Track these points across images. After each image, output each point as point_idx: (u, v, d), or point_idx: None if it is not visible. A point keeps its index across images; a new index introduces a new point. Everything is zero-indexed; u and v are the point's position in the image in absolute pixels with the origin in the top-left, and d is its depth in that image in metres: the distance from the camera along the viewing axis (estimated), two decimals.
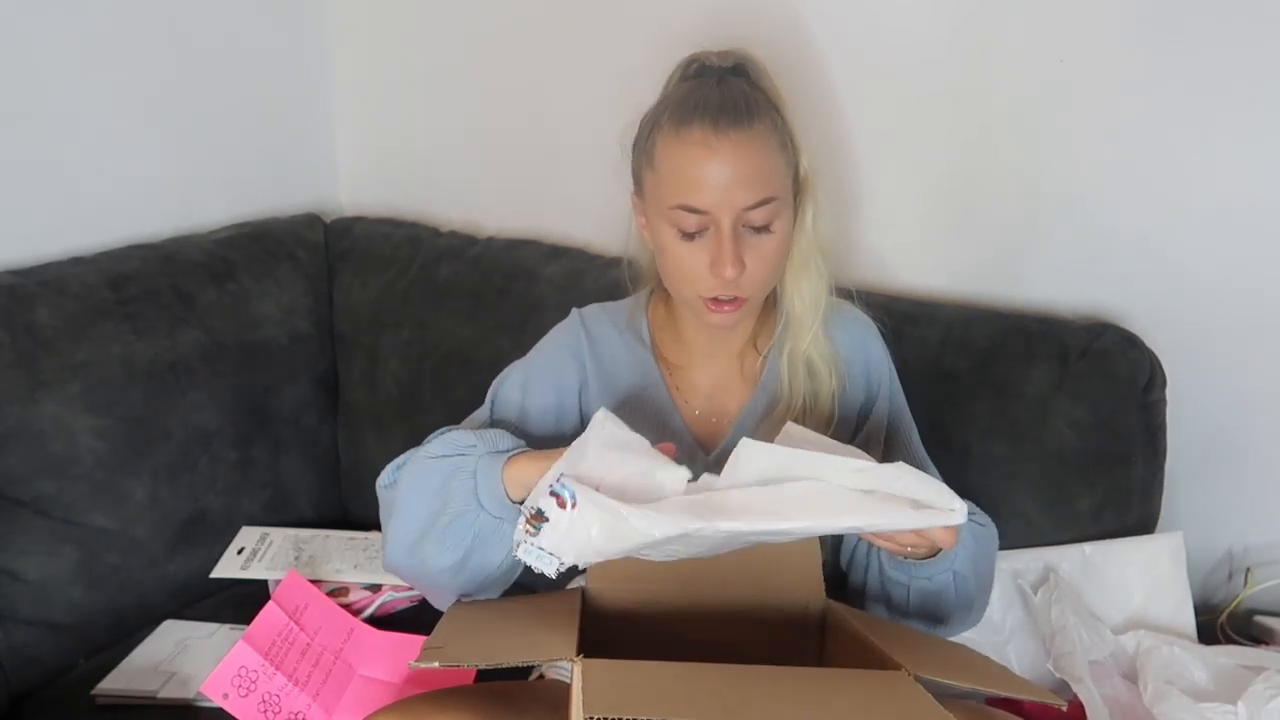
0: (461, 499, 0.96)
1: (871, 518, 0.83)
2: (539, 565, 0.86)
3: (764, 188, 1.00)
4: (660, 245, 1.05)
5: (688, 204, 1.00)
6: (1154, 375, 1.25)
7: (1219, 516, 1.35)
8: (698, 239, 1.01)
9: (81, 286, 1.41)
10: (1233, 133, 1.24)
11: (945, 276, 1.43)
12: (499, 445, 0.98)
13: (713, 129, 0.98)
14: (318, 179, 1.87)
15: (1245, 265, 1.27)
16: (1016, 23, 1.31)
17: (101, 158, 1.54)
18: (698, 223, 1.00)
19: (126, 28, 1.54)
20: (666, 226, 1.03)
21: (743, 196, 0.99)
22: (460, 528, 0.96)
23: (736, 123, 0.99)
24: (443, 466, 0.98)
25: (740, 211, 1.00)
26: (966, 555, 1.02)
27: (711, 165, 0.99)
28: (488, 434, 1.00)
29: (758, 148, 1.00)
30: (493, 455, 0.97)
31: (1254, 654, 1.19)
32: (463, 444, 0.99)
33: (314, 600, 1.30)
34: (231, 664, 1.15)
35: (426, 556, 0.98)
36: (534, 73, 1.67)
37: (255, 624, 1.20)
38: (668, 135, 1.01)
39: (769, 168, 1.01)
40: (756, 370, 1.15)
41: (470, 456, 0.97)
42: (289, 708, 1.17)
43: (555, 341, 1.17)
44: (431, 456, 1.00)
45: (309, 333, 1.63)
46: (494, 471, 0.95)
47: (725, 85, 1.02)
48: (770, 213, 1.01)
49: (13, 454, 1.30)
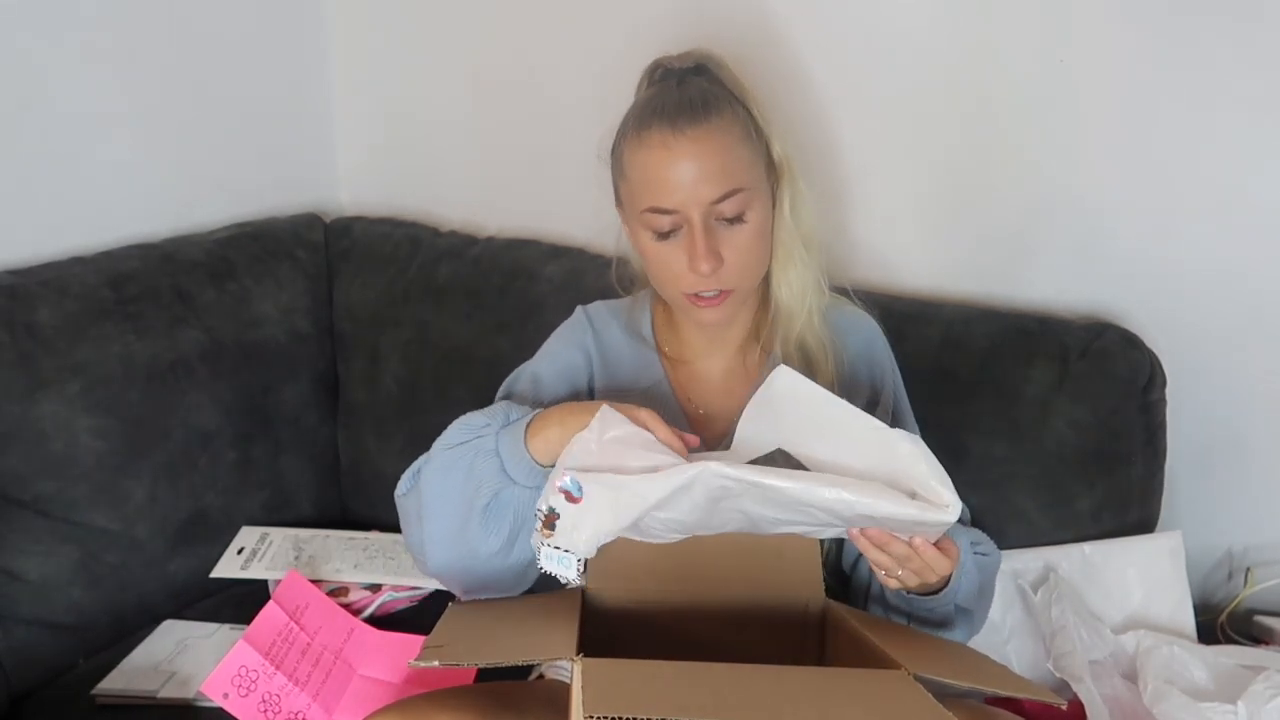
0: (492, 480, 0.96)
1: (862, 494, 0.84)
2: (561, 570, 0.86)
3: (729, 180, 1.01)
4: (641, 249, 1.07)
5: (656, 205, 1.01)
6: (1154, 375, 1.25)
7: (1219, 516, 1.35)
8: (672, 238, 1.03)
9: (81, 286, 1.41)
10: (1232, 133, 1.24)
11: (945, 276, 1.42)
12: (511, 416, 0.99)
13: (670, 129, 1.00)
14: (317, 179, 1.87)
15: (1245, 265, 1.27)
16: (1016, 22, 1.31)
17: (101, 158, 1.54)
18: (670, 222, 1.02)
19: (126, 27, 1.54)
20: (642, 230, 1.05)
21: (708, 191, 1.00)
22: (499, 508, 0.97)
23: (694, 120, 1.00)
24: (463, 454, 0.98)
25: (708, 206, 1.00)
26: (970, 588, 1.02)
27: (673, 164, 1.00)
28: (496, 410, 1.01)
29: (718, 142, 1.01)
30: (509, 427, 0.98)
31: (1254, 654, 1.19)
32: (476, 426, 1.00)
33: (314, 600, 1.30)
34: (232, 663, 1.15)
35: (474, 545, 0.98)
36: (534, 72, 1.67)
37: (255, 623, 1.20)
38: (632, 141, 1.03)
39: (732, 159, 1.02)
40: (759, 364, 1.15)
41: (488, 436, 0.98)
42: (289, 707, 1.17)
43: (563, 338, 1.17)
44: (448, 446, 1.00)
45: (309, 332, 1.63)
46: (517, 443, 0.96)
47: (684, 85, 1.04)
48: (740, 203, 1.02)
49: (13, 454, 1.30)
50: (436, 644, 0.85)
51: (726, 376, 1.15)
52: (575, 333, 1.17)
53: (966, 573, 1.01)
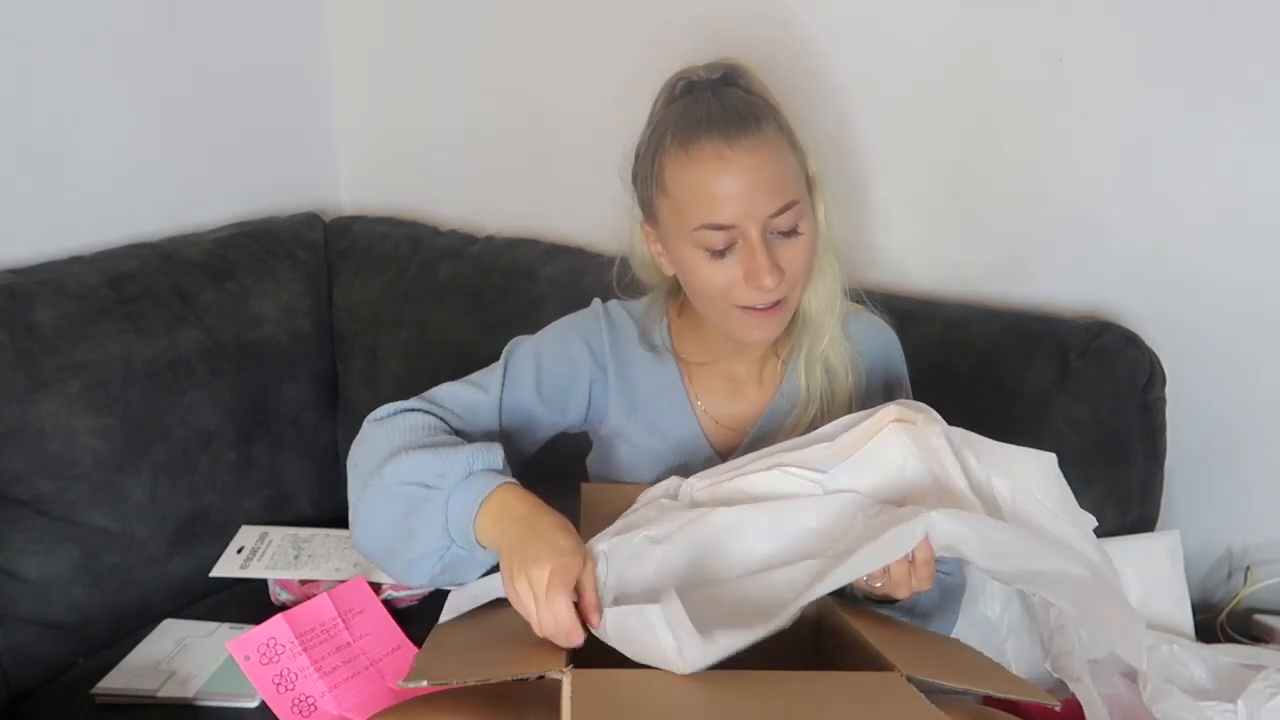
0: (429, 533, 0.94)
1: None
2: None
3: (784, 192, 0.97)
4: (687, 269, 1.02)
5: (712, 222, 0.97)
6: (1154, 374, 1.25)
7: (1218, 515, 1.35)
8: (728, 255, 0.98)
9: (81, 286, 1.41)
10: (1233, 132, 1.24)
11: (945, 276, 1.43)
12: (474, 465, 0.94)
13: (724, 140, 0.95)
14: (317, 178, 1.87)
15: (1245, 264, 1.27)
16: (1016, 22, 1.31)
17: (101, 158, 1.54)
18: (725, 239, 0.97)
19: (126, 28, 1.54)
20: (691, 249, 0.99)
21: (765, 204, 0.96)
22: (429, 559, 0.95)
23: (745, 130, 0.96)
24: (411, 493, 0.94)
25: (766, 219, 0.97)
26: (929, 602, 1.02)
27: (729, 178, 0.96)
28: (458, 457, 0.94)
29: (771, 152, 0.97)
30: (469, 482, 0.93)
31: (1253, 652, 1.19)
32: (434, 471, 0.94)
33: (370, 607, 1.32)
34: (263, 632, 1.19)
35: (395, 573, 0.99)
36: (534, 71, 1.67)
37: (301, 607, 1.25)
38: (676, 157, 0.98)
39: (785, 171, 0.98)
40: (777, 375, 1.13)
41: (440, 490, 0.94)
42: (303, 690, 1.19)
43: (575, 328, 1.13)
44: (401, 482, 0.95)
45: (308, 332, 1.63)
46: (469, 508, 0.92)
47: (722, 96, 0.99)
48: (794, 216, 0.98)
49: (12, 453, 1.30)
50: (425, 663, 0.84)
51: (742, 383, 1.13)
52: (589, 326, 1.13)
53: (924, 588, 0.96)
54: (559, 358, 1.11)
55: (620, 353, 1.12)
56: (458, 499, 0.93)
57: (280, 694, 1.18)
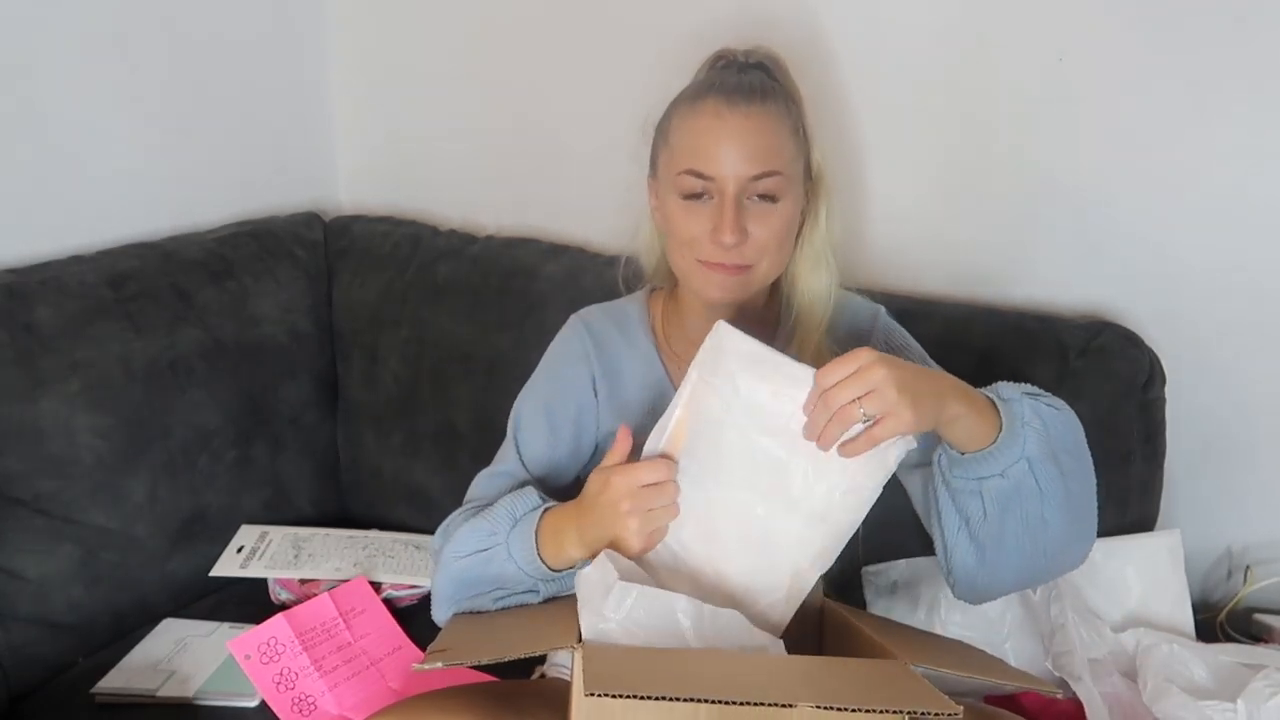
0: (514, 582, 1.00)
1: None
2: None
3: (770, 160, 1.01)
4: (666, 214, 1.06)
5: (694, 168, 1.01)
6: (1153, 374, 1.25)
7: (1218, 514, 1.35)
8: (701, 203, 1.02)
9: (81, 285, 1.41)
10: (1232, 131, 1.24)
11: (945, 275, 1.42)
12: (517, 511, 1.01)
13: (726, 102, 1.01)
14: (317, 177, 1.87)
15: (1245, 263, 1.28)
16: (1015, 21, 1.31)
17: (101, 157, 1.54)
18: (702, 186, 1.01)
19: (125, 27, 1.54)
20: (672, 194, 1.04)
21: (747, 166, 1.00)
22: (532, 596, 1.01)
23: (749, 100, 1.01)
24: (475, 562, 1.01)
25: (745, 181, 1.00)
26: (1036, 437, 0.92)
27: (721, 134, 1.00)
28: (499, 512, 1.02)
29: (768, 124, 1.02)
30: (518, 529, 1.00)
31: (1253, 652, 1.19)
32: (484, 532, 1.02)
33: (372, 608, 1.32)
34: (264, 631, 1.20)
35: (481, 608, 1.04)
36: (533, 71, 1.67)
37: (302, 607, 1.26)
38: (683, 110, 1.05)
39: (777, 144, 1.02)
40: None
41: (499, 545, 1.00)
42: (303, 689, 1.19)
43: (563, 356, 1.15)
44: (459, 556, 1.02)
45: (308, 331, 1.63)
46: (528, 547, 0.98)
47: (745, 73, 1.05)
48: (775, 185, 1.01)
49: (12, 453, 1.30)
50: (440, 648, 0.87)
51: None
52: (574, 345, 1.15)
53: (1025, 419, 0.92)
54: (561, 392, 1.13)
55: (603, 353, 1.14)
56: (515, 546, 0.99)
57: (280, 693, 1.19)
